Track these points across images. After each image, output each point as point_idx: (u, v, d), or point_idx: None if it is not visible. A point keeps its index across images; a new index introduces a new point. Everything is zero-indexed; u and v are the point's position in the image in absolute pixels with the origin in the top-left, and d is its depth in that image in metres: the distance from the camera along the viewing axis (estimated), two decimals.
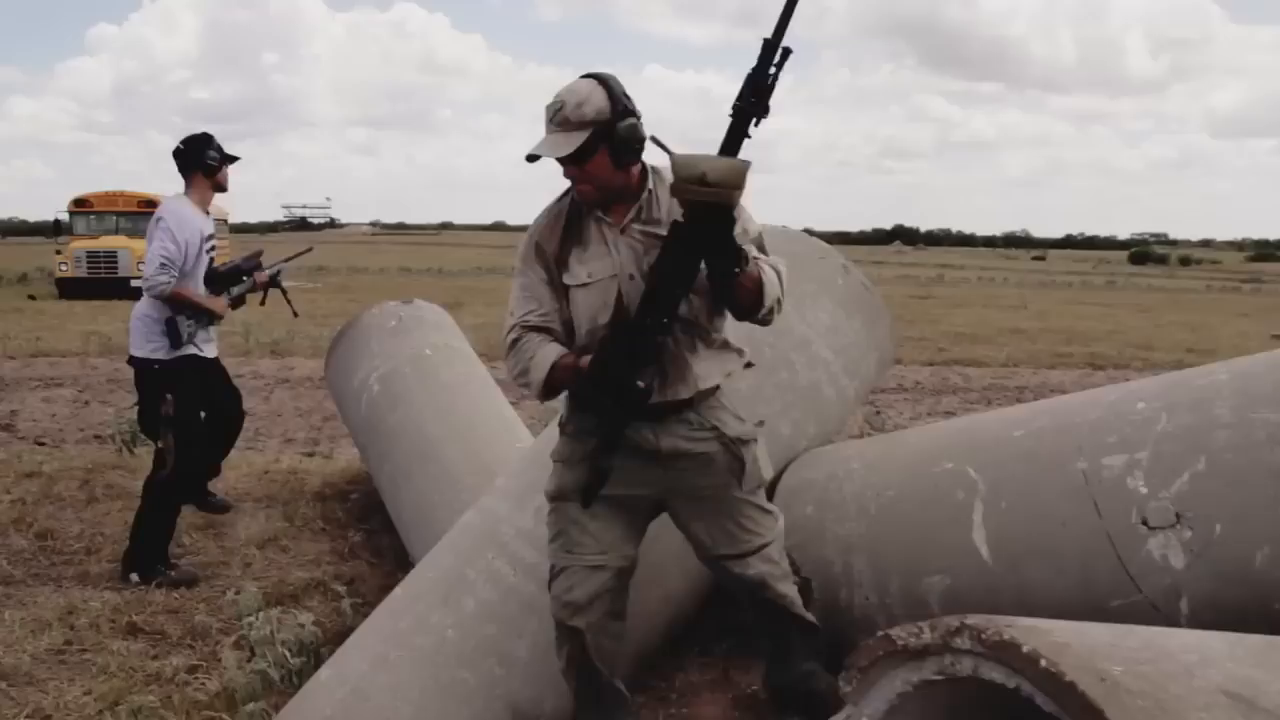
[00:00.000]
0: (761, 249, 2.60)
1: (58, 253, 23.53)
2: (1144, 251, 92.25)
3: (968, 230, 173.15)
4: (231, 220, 38.04)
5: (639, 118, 2.53)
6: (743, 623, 3.32)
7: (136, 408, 4.76)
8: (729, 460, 2.70)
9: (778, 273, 2.57)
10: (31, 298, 22.46)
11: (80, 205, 24.72)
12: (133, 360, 4.55)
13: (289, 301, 5.29)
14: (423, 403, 4.80)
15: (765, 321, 2.61)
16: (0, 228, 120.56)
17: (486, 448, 4.57)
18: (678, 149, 2.39)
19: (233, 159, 4.79)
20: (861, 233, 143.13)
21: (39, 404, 8.90)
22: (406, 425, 4.72)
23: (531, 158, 2.50)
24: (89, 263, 22.96)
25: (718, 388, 2.69)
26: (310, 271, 36.08)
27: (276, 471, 6.14)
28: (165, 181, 4.80)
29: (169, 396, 4.40)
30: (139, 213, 24.66)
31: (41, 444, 7.36)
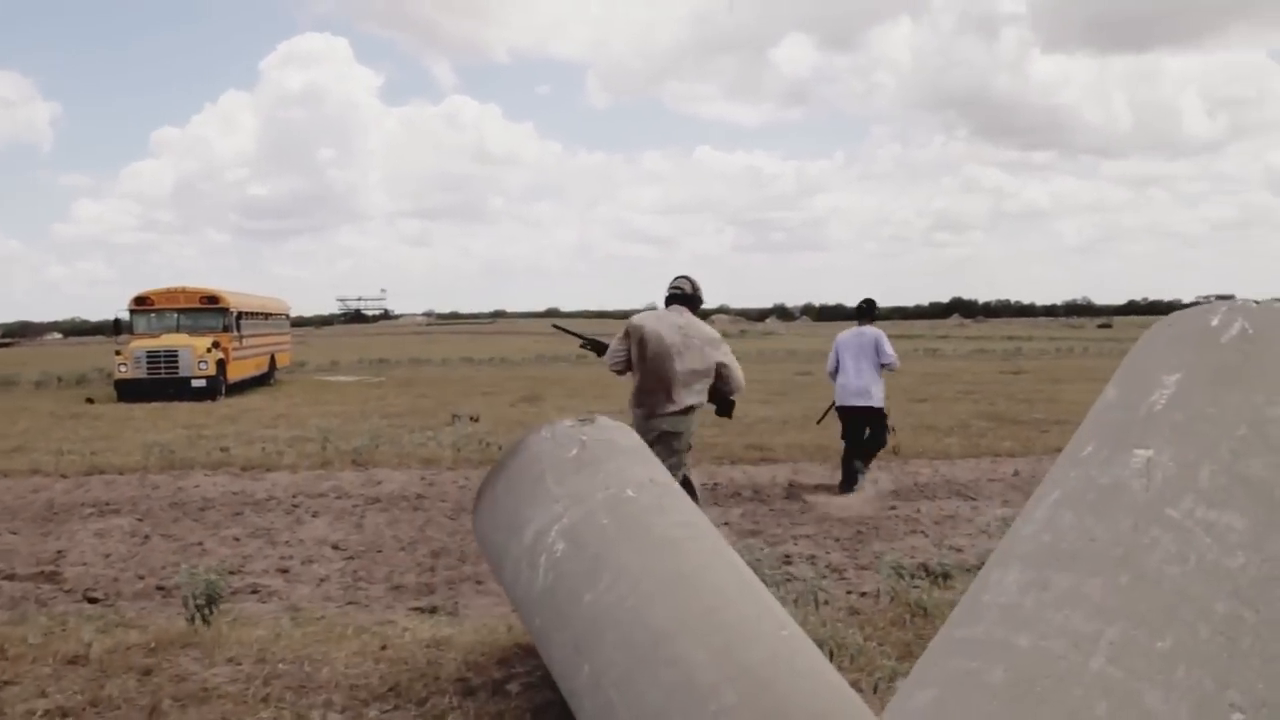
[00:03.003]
0: None
1: (117, 353, 22.54)
2: None
3: (1026, 300, 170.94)
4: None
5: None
6: None
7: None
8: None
9: None
10: (90, 401, 21.37)
11: (141, 303, 23.82)
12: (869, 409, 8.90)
13: None
14: (638, 571, 3.26)
15: None
16: (63, 328, 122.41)
17: (743, 643, 3.02)
18: None
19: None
20: (919, 307, 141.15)
21: (91, 540, 7.47)
22: (618, 607, 3.18)
23: None
24: (149, 363, 21.92)
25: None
26: (372, 365, 35.04)
27: (399, 645, 4.59)
28: (222, 277, 3.46)
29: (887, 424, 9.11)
30: (201, 309, 23.73)
31: (93, 599, 5.91)
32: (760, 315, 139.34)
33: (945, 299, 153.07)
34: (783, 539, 7.18)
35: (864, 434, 8.98)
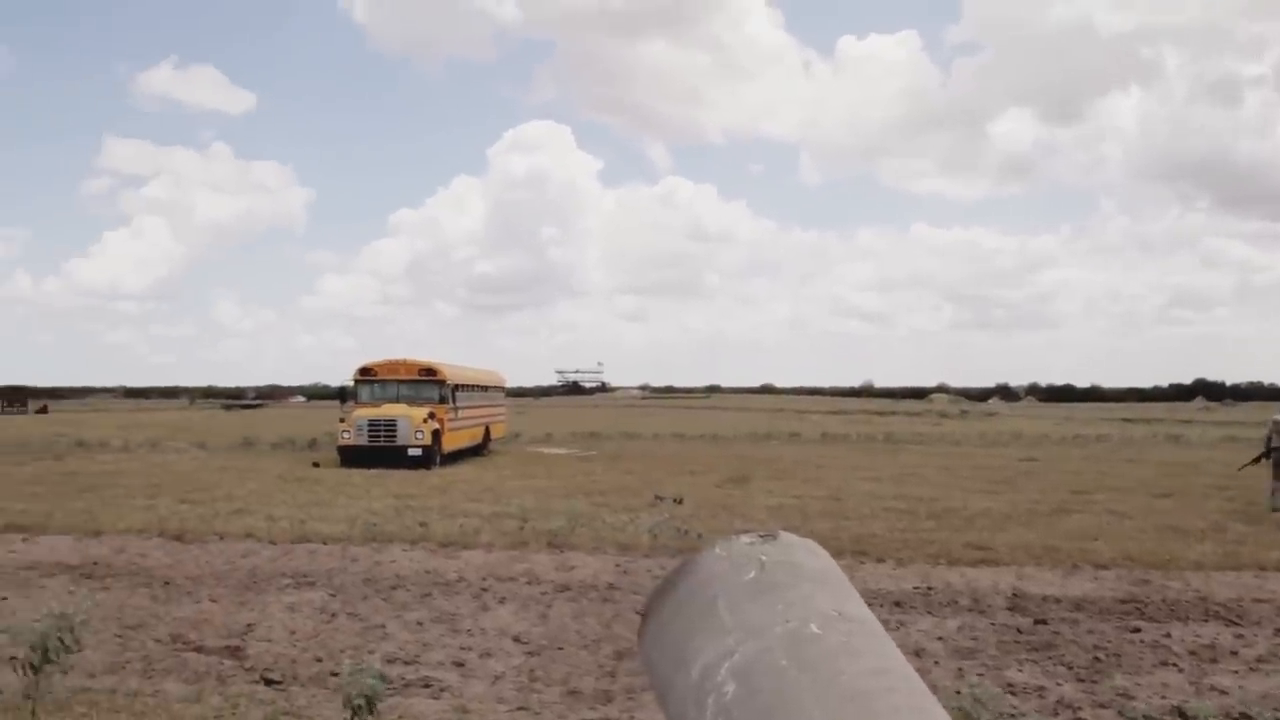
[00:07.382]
0: None
1: (341, 420, 23.52)
2: None
3: None
4: (509, 385, 38.33)
5: None
6: None
7: None
8: None
9: None
10: (316, 465, 22.32)
11: (365, 373, 24.82)
12: None
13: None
14: None
15: None
16: (306, 392, 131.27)
17: None
18: None
19: None
20: (1157, 388, 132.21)
21: (281, 614, 7.46)
22: None
23: None
24: (370, 431, 22.71)
25: None
26: (584, 438, 35.39)
27: None
28: (448, 348, 3.18)
29: None
30: (420, 380, 24.49)
31: (270, 681, 5.78)
32: (982, 395, 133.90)
33: (1187, 380, 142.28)
34: (1005, 663, 6.36)
35: None
